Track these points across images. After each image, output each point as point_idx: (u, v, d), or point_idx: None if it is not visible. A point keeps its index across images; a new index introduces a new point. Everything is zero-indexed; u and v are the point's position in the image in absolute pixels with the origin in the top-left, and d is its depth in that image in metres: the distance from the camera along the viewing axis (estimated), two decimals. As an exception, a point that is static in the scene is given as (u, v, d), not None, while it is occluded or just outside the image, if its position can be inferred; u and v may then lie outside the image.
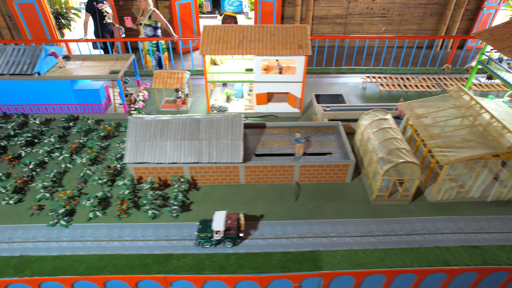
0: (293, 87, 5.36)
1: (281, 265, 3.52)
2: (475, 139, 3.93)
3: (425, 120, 4.41)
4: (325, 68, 7.23)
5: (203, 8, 14.15)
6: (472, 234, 3.88)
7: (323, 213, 4.09)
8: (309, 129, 4.89)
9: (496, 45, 4.99)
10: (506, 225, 3.99)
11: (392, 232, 3.88)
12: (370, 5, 11.15)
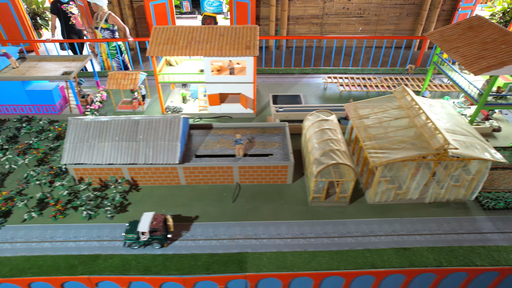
0: (245, 87, 5.35)
1: (206, 267, 3.51)
2: (409, 140, 3.90)
3: (366, 121, 4.38)
4: (288, 68, 7.21)
5: (182, 9, 14.14)
6: (405, 236, 3.85)
7: (258, 214, 4.08)
8: (256, 130, 4.88)
9: (444, 46, 4.95)
10: (440, 226, 3.96)
11: (325, 234, 3.86)
12: (346, 5, 11.09)
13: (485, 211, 4.16)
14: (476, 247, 3.73)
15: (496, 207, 4.16)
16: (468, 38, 4.89)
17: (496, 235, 3.89)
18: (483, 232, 3.92)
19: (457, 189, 4.15)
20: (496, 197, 4.24)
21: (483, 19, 5.01)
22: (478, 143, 4.00)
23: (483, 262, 3.58)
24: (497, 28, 4.73)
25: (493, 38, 4.65)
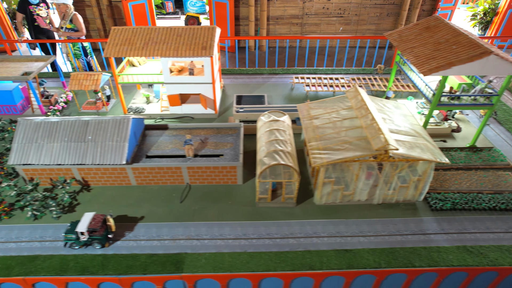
0: (204, 88, 5.35)
1: (143, 267, 3.51)
2: (353, 141, 3.89)
3: (315, 121, 4.37)
4: (258, 69, 7.20)
5: (163, 9, 14.16)
6: (348, 238, 3.83)
7: (204, 215, 4.08)
8: (211, 131, 4.88)
9: (400, 46, 4.93)
10: (385, 228, 3.94)
11: (267, 235, 3.85)
12: (326, 5, 11.06)
13: (432, 212, 4.14)
14: (418, 248, 3.71)
15: (443, 208, 4.14)
16: (424, 38, 4.87)
17: (439, 236, 3.86)
18: (427, 233, 3.89)
19: (405, 190, 4.13)
20: (445, 198, 4.23)
21: (440, 19, 4.99)
22: (424, 144, 3.98)
23: (422, 263, 3.56)
24: (451, 29, 4.70)
25: (446, 38, 4.62)
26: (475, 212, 4.15)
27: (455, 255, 3.64)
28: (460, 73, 4.24)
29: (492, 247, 3.74)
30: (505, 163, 4.80)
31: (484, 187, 4.40)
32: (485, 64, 4.14)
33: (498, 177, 4.54)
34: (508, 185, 4.43)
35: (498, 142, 5.28)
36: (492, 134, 5.47)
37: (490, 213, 4.15)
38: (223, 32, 11.29)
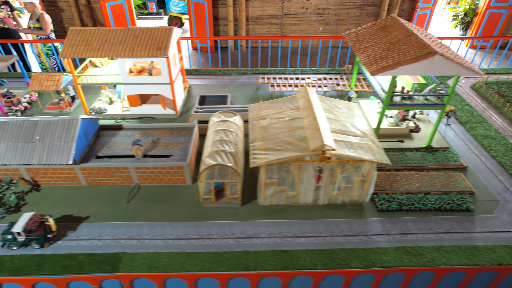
0: (163, 88, 5.36)
1: (79, 267, 3.52)
2: (294, 141, 3.88)
3: (263, 121, 4.37)
4: (227, 69, 7.20)
5: (145, 9, 14.18)
6: (289, 239, 3.82)
7: (149, 215, 4.08)
8: (164, 131, 4.89)
9: (355, 46, 4.91)
10: (328, 229, 3.93)
11: (208, 236, 3.85)
12: (305, 5, 11.03)
13: (378, 213, 4.12)
14: (357, 249, 3.69)
15: (389, 209, 4.12)
16: (378, 38, 4.85)
17: (381, 237, 3.84)
18: (370, 234, 3.88)
19: (351, 191, 4.11)
20: (392, 199, 4.20)
21: (396, 19, 4.97)
22: (368, 144, 3.97)
23: (358, 264, 3.54)
24: (404, 29, 4.68)
25: (398, 38, 4.60)
26: (420, 213, 4.13)
27: (393, 256, 3.62)
28: (407, 73, 4.22)
29: (431, 248, 3.72)
30: (458, 164, 4.77)
31: (433, 187, 4.37)
32: (431, 64, 4.12)
33: (448, 177, 4.51)
34: (457, 185, 4.40)
35: (456, 143, 5.25)
36: (452, 135, 5.43)
37: (436, 213, 4.12)
38: (203, 32, 11.29)
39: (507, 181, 4.59)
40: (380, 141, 5.04)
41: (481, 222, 4.03)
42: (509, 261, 3.59)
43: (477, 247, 3.74)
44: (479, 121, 5.74)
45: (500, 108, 6.02)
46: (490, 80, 6.94)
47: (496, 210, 4.18)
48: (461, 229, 3.95)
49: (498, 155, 4.99)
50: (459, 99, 6.32)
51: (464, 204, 4.14)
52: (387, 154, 4.87)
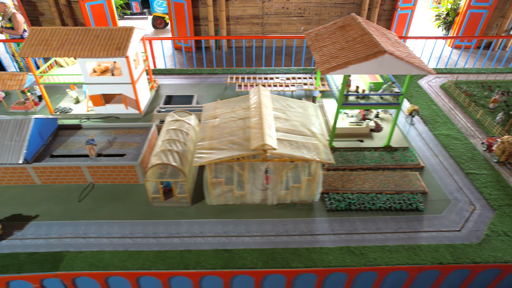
0: (124, 88, 5.37)
1: (19, 266, 3.54)
2: (239, 140, 3.88)
3: (214, 121, 4.37)
4: (198, 69, 7.21)
5: (127, 10, 14.20)
6: (233, 238, 3.82)
7: (99, 214, 4.09)
8: (122, 131, 4.90)
9: (313, 45, 4.91)
10: (274, 228, 3.92)
11: (154, 235, 3.85)
12: (286, 5, 11.02)
13: (328, 212, 4.12)
14: (300, 249, 3.69)
15: (338, 209, 4.11)
16: (336, 37, 4.84)
17: (327, 236, 3.84)
18: (316, 234, 3.87)
19: (300, 191, 4.11)
20: (343, 198, 4.20)
21: (354, 18, 4.96)
22: (314, 144, 3.96)
23: (299, 264, 3.54)
24: (360, 28, 4.67)
25: (353, 37, 4.59)
26: (370, 212, 4.12)
27: (335, 256, 3.62)
28: (358, 72, 4.21)
29: (375, 248, 3.71)
30: (415, 163, 4.76)
31: (386, 187, 4.36)
32: (381, 63, 4.12)
33: (403, 177, 4.50)
34: (410, 185, 4.39)
35: (417, 142, 5.23)
36: (414, 134, 5.42)
37: (386, 213, 4.11)
38: (184, 32, 11.29)
39: (461, 180, 4.57)
40: (340, 141, 5.10)
41: (429, 222, 4.02)
42: (450, 260, 3.58)
43: (420, 247, 3.72)
44: (443, 120, 5.72)
45: (466, 107, 6.00)
46: (461, 79, 6.92)
47: (446, 210, 4.16)
48: (409, 228, 3.94)
49: (456, 154, 4.98)
50: (427, 99, 6.30)
51: (414, 204, 4.13)
52: (345, 153, 4.87)
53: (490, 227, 3.95)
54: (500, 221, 4.02)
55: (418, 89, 6.60)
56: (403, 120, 5.75)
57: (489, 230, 3.91)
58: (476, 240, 3.81)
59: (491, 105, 6.00)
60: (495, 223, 4.00)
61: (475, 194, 4.39)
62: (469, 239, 3.83)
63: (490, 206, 4.21)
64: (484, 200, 4.29)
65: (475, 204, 4.25)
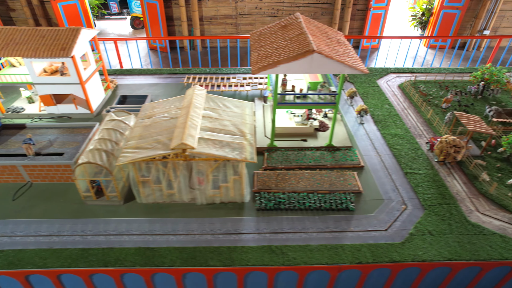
0: (73, 88, 5.41)
1: None
2: (164, 140, 3.90)
3: (147, 120, 4.39)
4: (158, 69, 7.25)
5: (104, 10, 14.23)
6: (158, 236, 3.84)
7: (31, 212, 4.12)
8: (65, 130, 4.94)
9: (254, 45, 4.91)
10: (200, 227, 3.93)
11: (81, 233, 3.87)
12: (259, 5, 11.02)
13: (257, 211, 4.13)
14: (222, 248, 3.70)
15: (267, 208, 4.12)
16: (276, 36, 4.85)
17: (251, 235, 3.85)
18: (241, 233, 3.88)
19: (229, 190, 4.12)
20: (273, 198, 4.20)
21: (297, 18, 4.96)
22: (241, 143, 3.97)
23: (217, 263, 3.55)
24: (299, 28, 4.67)
25: (291, 37, 4.60)
26: (300, 212, 4.13)
27: (255, 255, 3.63)
28: (289, 71, 4.22)
29: (297, 247, 3.71)
30: (355, 163, 4.76)
31: (320, 186, 4.37)
32: (311, 62, 4.12)
33: (339, 176, 4.49)
34: (345, 184, 4.38)
35: (363, 142, 5.23)
36: (362, 133, 5.41)
37: (316, 213, 4.12)
38: (158, 32, 11.30)
39: (399, 180, 4.57)
40: (284, 140, 5.11)
41: (357, 222, 4.01)
42: (370, 260, 3.58)
43: (343, 246, 3.72)
44: (394, 120, 5.71)
45: (419, 107, 5.98)
46: (421, 79, 6.90)
47: (377, 210, 4.16)
48: (335, 228, 3.94)
49: (399, 154, 4.97)
50: (382, 98, 6.28)
51: (345, 204, 4.13)
52: (286, 153, 4.87)
53: (417, 226, 3.95)
54: (427, 220, 4.01)
55: (376, 89, 6.59)
56: (353, 119, 5.75)
57: (414, 229, 3.91)
58: (400, 240, 3.81)
59: (444, 104, 5.98)
60: (422, 222, 3.99)
61: (410, 193, 4.38)
62: (393, 239, 3.82)
63: (422, 205, 4.21)
64: (417, 200, 4.29)
65: (407, 203, 4.24)
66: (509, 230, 3.93)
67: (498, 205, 4.25)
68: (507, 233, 3.90)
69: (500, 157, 4.94)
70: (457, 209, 4.17)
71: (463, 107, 5.98)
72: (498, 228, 3.96)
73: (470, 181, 4.57)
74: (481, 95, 6.32)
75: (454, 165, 4.83)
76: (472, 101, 6.19)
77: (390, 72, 7.27)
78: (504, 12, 11.75)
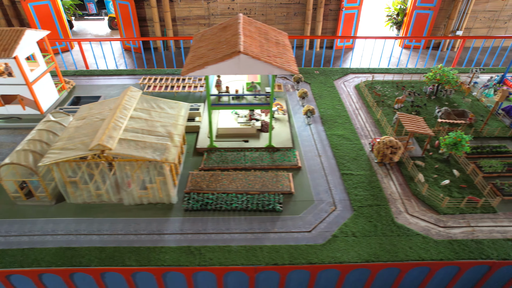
0: (20, 89, 5.46)
1: None
2: (87, 141, 3.92)
3: (80, 121, 4.42)
4: (117, 70, 7.29)
5: (79, 10, 14.29)
6: (82, 236, 3.86)
7: (-40, 213, 4.18)
8: (6, 130, 4.99)
9: (193, 46, 4.92)
10: (126, 227, 3.95)
11: (5, 233, 3.90)
12: (231, 5, 11.03)
13: (185, 212, 4.14)
14: (142, 248, 3.72)
15: (194, 208, 4.13)
16: (215, 37, 4.85)
17: (174, 236, 3.86)
18: (164, 233, 3.89)
19: (157, 191, 4.13)
20: (202, 199, 4.21)
21: (237, 19, 4.95)
22: (165, 144, 3.97)
23: (133, 263, 3.57)
24: (235, 29, 4.67)
25: (226, 38, 4.60)
26: (227, 213, 4.13)
27: (172, 255, 3.64)
28: (218, 72, 4.22)
29: (216, 248, 3.72)
30: (293, 164, 4.75)
31: (251, 187, 4.37)
32: (239, 63, 4.12)
33: (273, 177, 4.49)
34: (277, 185, 4.38)
35: (306, 142, 5.22)
36: (307, 134, 5.40)
37: (243, 213, 4.12)
38: (131, 33, 11.34)
39: (334, 181, 4.56)
40: (225, 141, 5.11)
41: (283, 223, 4.01)
42: (286, 261, 3.58)
43: (262, 248, 3.72)
44: (343, 120, 5.69)
45: (371, 107, 5.96)
46: (378, 79, 6.87)
47: (305, 211, 4.15)
48: (259, 229, 3.94)
49: (340, 155, 4.95)
50: (335, 99, 6.27)
51: (272, 205, 4.13)
52: (225, 154, 4.88)
53: (342, 228, 3.94)
54: (354, 222, 4.00)
55: (331, 89, 6.58)
56: (301, 120, 5.74)
57: (339, 231, 3.90)
58: (322, 241, 3.80)
59: (396, 105, 5.96)
60: (348, 224, 3.98)
61: (342, 195, 4.37)
62: (315, 240, 3.82)
63: (351, 207, 4.20)
64: (348, 201, 4.27)
65: (337, 205, 4.23)
66: (432, 231, 3.92)
67: (428, 206, 4.24)
68: (429, 233, 3.88)
69: (440, 158, 4.92)
70: (386, 210, 4.16)
71: (415, 108, 5.96)
72: (422, 229, 3.95)
73: (406, 182, 4.56)
74: (436, 95, 6.29)
75: (394, 166, 4.82)
76: (425, 102, 6.17)
77: (350, 72, 7.24)
78: (476, 13, 11.73)
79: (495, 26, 12.06)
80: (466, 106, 6.07)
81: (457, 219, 4.08)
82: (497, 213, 4.15)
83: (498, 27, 12.08)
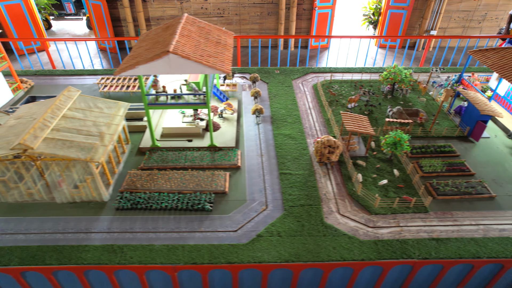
0: (-30, 88, 5.51)
1: None
2: (15, 140, 3.93)
3: (14, 121, 4.44)
4: (79, 70, 7.32)
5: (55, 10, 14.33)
6: (7, 235, 3.87)
7: None
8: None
9: (134, 46, 4.93)
10: (54, 225, 3.96)
11: None
12: (204, 5, 11.03)
13: (116, 211, 4.15)
14: (66, 247, 3.73)
15: (124, 207, 4.14)
16: (156, 37, 4.85)
17: (100, 234, 3.87)
18: (90, 232, 3.90)
19: (88, 190, 4.15)
20: (133, 197, 4.22)
21: (179, 19, 4.96)
22: (93, 144, 3.99)
23: (53, 261, 3.58)
24: (173, 29, 4.68)
25: (164, 38, 4.60)
26: (157, 212, 4.14)
27: (94, 254, 3.65)
28: (150, 72, 4.23)
29: (139, 247, 3.73)
30: (232, 163, 4.75)
31: (185, 186, 4.37)
32: (170, 63, 4.13)
33: (209, 177, 4.49)
34: (211, 185, 4.38)
35: (251, 142, 5.21)
36: (253, 134, 5.40)
37: (173, 213, 4.13)
38: (105, 33, 11.37)
39: (270, 181, 4.55)
40: (168, 141, 5.12)
41: (210, 222, 4.01)
42: (206, 260, 3.57)
43: (184, 247, 3.73)
44: (293, 120, 5.68)
45: (324, 107, 5.95)
46: (337, 79, 6.85)
47: (235, 210, 4.15)
48: (185, 228, 3.95)
49: (282, 154, 4.95)
50: (289, 98, 6.26)
51: (201, 204, 4.14)
52: (166, 153, 4.88)
53: (268, 227, 3.94)
54: (281, 222, 4.00)
55: (288, 89, 6.57)
56: (250, 119, 5.73)
57: (264, 231, 3.89)
58: (246, 241, 3.80)
59: (350, 104, 5.94)
60: (275, 224, 3.98)
61: (276, 194, 4.37)
62: (239, 240, 3.82)
63: (283, 206, 4.20)
64: (280, 201, 4.27)
65: (269, 204, 4.23)
66: (360, 231, 3.90)
67: (361, 206, 4.23)
68: (357, 234, 3.87)
69: (384, 157, 4.90)
70: (317, 210, 4.15)
71: (369, 107, 5.94)
72: (351, 229, 3.94)
73: (344, 182, 4.55)
74: (392, 95, 6.27)
75: (335, 166, 4.81)
76: (381, 101, 6.15)
77: (311, 71, 7.23)
78: (450, 13, 11.69)
79: (470, 26, 12.03)
80: (420, 106, 6.04)
81: (388, 219, 4.07)
82: (428, 212, 4.14)
83: (472, 26, 12.08)
